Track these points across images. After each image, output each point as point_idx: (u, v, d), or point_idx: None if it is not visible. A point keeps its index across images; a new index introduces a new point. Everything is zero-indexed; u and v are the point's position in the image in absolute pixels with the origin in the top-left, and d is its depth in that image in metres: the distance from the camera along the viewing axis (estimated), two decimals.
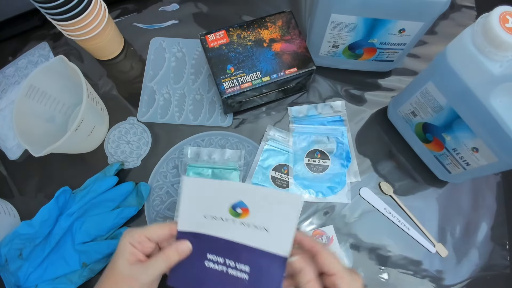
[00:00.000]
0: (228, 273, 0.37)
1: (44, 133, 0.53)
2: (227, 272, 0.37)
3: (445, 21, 0.64)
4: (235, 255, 0.37)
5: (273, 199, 0.36)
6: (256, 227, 0.37)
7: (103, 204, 0.52)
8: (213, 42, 0.52)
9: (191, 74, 0.61)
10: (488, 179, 0.55)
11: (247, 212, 0.37)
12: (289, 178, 0.54)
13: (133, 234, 0.36)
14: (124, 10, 0.67)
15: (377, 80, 0.61)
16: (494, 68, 0.35)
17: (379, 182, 0.55)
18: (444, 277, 0.51)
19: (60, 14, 0.50)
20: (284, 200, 0.35)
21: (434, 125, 0.47)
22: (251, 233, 0.37)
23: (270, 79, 0.51)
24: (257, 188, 0.38)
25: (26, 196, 0.56)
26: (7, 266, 0.48)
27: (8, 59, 0.65)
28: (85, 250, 0.49)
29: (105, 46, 0.60)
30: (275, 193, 0.36)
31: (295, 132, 0.57)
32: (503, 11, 0.34)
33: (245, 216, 0.37)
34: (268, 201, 0.36)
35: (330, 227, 0.53)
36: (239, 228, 0.37)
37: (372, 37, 0.51)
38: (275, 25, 0.54)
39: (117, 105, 0.60)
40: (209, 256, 0.38)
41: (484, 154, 0.42)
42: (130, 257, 0.35)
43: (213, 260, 0.38)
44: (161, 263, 0.35)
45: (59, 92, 0.56)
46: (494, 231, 0.53)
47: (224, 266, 0.38)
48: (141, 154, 0.57)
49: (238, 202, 0.36)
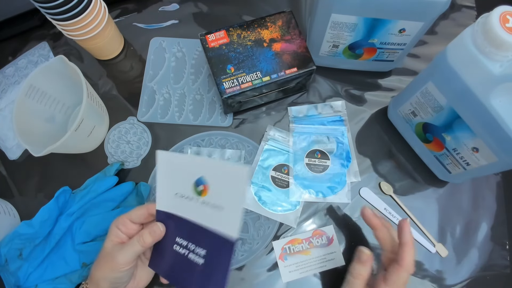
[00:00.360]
0: (188, 257, 0.38)
1: (44, 133, 0.53)
2: (188, 256, 0.38)
3: (445, 21, 0.64)
4: (195, 238, 0.38)
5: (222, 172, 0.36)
6: (213, 206, 0.36)
7: (103, 204, 0.52)
8: (213, 42, 0.52)
9: (191, 74, 0.61)
10: (488, 179, 0.55)
11: (207, 189, 0.37)
12: (289, 178, 0.54)
13: (118, 218, 0.40)
14: (124, 10, 0.67)
15: (377, 80, 0.61)
16: (494, 68, 0.35)
17: (379, 182, 0.55)
18: (444, 277, 0.51)
19: (60, 14, 0.50)
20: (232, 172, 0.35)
21: (434, 125, 0.47)
22: (209, 213, 0.37)
23: (270, 79, 0.51)
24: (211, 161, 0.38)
25: (26, 196, 0.56)
26: (7, 266, 0.48)
27: (8, 59, 0.65)
28: (85, 250, 0.49)
29: (105, 46, 0.60)
30: (223, 165, 0.37)
31: (295, 132, 0.57)
32: (503, 11, 0.34)
33: (205, 194, 0.37)
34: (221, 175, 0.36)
35: (330, 227, 0.53)
36: (200, 208, 0.37)
37: (372, 37, 0.51)
38: (275, 25, 0.54)
39: (117, 105, 0.60)
40: (177, 240, 0.39)
41: (484, 154, 0.42)
42: (114, 238, 0.39)
43: (179, 244, 0.39)
44: (136, 244, 0.38)
45: (59, 92, 0.56)
46: (494, 231, 0.53)
47: (186, 249, 0.38)
48: (141, 154, 0.57)
49: (199, 179, 0.37)
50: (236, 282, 0.51)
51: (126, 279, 0.39)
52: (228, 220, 0.36)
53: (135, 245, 0.38)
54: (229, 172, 0.36)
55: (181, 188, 0.38)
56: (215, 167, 0.37)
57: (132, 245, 0.38)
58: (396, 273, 0.38)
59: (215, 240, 0.37)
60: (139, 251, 0.38)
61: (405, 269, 0.38)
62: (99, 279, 0.38)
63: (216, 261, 0.37)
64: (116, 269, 0.37)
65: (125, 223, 0.40)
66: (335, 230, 0.52)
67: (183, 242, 0.39)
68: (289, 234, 0.52)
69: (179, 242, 0.39)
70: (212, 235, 0.37)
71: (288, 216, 0.53)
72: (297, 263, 0.51)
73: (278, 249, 0.51)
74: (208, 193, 0.37)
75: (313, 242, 0.52)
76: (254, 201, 0.53)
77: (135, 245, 0.38)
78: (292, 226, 0.52)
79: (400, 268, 0.38)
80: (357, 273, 0.41)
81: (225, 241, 0.36)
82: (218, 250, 0.37)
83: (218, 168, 0.37)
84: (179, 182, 0.39)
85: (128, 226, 0.40)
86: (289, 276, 0.50)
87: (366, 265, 0.41)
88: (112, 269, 0.38)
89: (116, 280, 0.38)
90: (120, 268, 0.37)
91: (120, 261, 0.37)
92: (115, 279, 0.38)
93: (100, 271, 0.38)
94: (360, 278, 0.41)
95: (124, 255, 0.37)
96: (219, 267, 0.36)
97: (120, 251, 0.38)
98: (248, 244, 0.52)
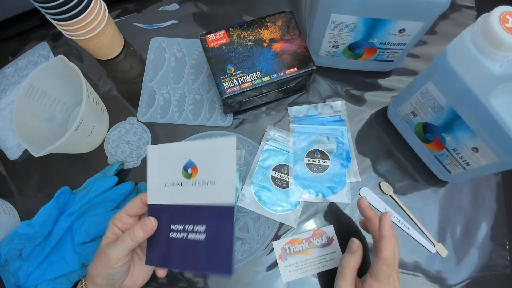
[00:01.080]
0: (188, 238, 0.38)
1: (44, 133, 0.53)
2: (187, 237, 0.38)
3: (445, 21, 0.64)
4: (192, 219, 0.38)
5: (210, 149, 0.37)
6: (205, 183, 0.38)
7: (103, 204, 0.52)
8: (213, 42, 0.52)
9: (191, 74, 0.61)
10: (488, 179, 0.55)
11: (196, 170, 0.38)
12: (289, 178, 0.54)
13: (115, 215, 0.40)
14: (124, 10, 0.67)
15: (377, 80, 0.61)
16: (494, 68, 0.35)
17: (379, 182, 0.55)
18: (444, 277, 0.51)
19: (60, 14, 0.50)
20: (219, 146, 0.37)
21: (434, 125, 0.47)
22: (201, 191, 0.38)
23: (270, 79, 0.51)
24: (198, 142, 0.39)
25: (26, 196, 0.56)
26: (7, 266, 0.48)
27: (8, 59, 0.65)
28: (85, 250, 0.49)
29: (105, 46, 0.60)
30: (210, 142, 0.38)
31: (295, 132, 0.57)
32: (503, 11, 0.34)
33: (195, 176, 0.38)
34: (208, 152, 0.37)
35: (330, 227, 0.53)
36: (192, 190, 0.38)
37: (372, 37, 0.51)
38: (275, 25, 0.54)
39: (117, 105, 0.60)
40: (172, 227, 0.39)
41: (484, 154, 0.42)
42: (111, 235, 0.40)
43: (175, 230, 0.39)
44: (127, 239, 0.38)
45: (59, 92, 0.56)
46: (494, 231, 0.53)
47: (184, 232, 0.38)
48: (141, 154, 0.57)
49: (188, 162, 0.38)
50: (236, 282, 0.51)
51: (121, 275, 0.39)
52: (221, 191, 0.37)
53: (126, 240, 0.38)
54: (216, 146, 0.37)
55: (171, 177, 0.39)
56: (201, 147, 0.38)
57: (123, 241, 0.38)
58: (375, 266, 0.39)
59: (212, 213, 0.37)
60: (131, 246, 0.38)
61: (383, 262, 0.39)
62: (94, 275, 0.39)
63: (218, 232, 0.37)
64: (109, 266, 0.38)
65: (121, 218, 0.40)
66: (335, 230, 0.52)
67: (179, 226, 0.39)
68: (289, 234, 0.52)
69: (174, 228, 0.39)
70: (208, 209, 0.37)
71: (288, 216, 0.53)
72: (297, 263, 0.51)
73: (278, 249, 0.51)
74: (197, 173, 0.38)
75: (313, 242, 0.52)
76: (254, 201, 0.53)
77: (126, 240, 0.38)
78: (292, 226, 0.52)
79: (378, 261, 0.39)
80: (346, 262, 0.42)
81: (223, 210, 0.37)
82: (218, 221, 0.37)
83: (205, 147, 0.38)
84: (168, 172, 0.39)
85: (125, 221, 0.40)
86: (289, 276, 0.50)
87: (355, 255, 0.42)
88: (105, 265, 0.38)
89: (110, 276, 0.39)
90: (112, 264, 0.37)
91: (112, 257, 0.37)
92: (109, 275, 0.38)
93: (95, 268, 0.39)
94: (348, 267, 0.41)
95: (116, 250, 0.37)
96: (223, 237, 0.37)
97: (112, 247, 0.38)
98: (248, 244, 0.52)
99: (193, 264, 0.38)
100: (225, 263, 0.36)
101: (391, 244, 0.39)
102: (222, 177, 0.37)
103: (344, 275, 0.41)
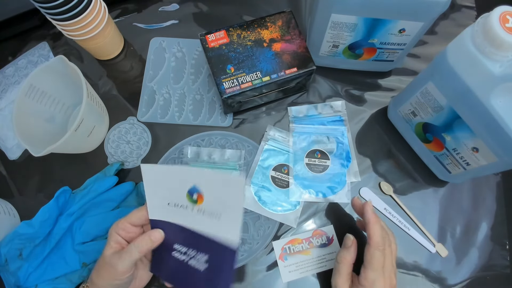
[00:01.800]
0: (188, 263, 0.38)
1: (44, 133, 0.53)
2: (188, 262, 0.38)
3: (445, 21, 0.64)
4: (195, 245, 0.38)
5: (219, 182, 0.36)
6: (211, 214, 0.37)
7: (103, 204, 0.52)
8: (213, 42, 0.52)
9: (191, 74, 0.61)
10: (488, 179, 0.55)
11: (202, 198, 0.37)
12: (289, 178, 0.54)
13: (117, 223, 0.39)
14: (124, 10, 0.67)
15: (377, 80, 0.61)
16: (494, 68, 0.35)
17: (379, 182, 0.55)
18: (444, 277, 0.51)
19: (60, 14, 0.50)
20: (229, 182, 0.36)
21: (434, 125, 0.47)
22: (207, 221, 0.37)
23: (270, 79, 0.51)
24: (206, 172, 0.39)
25: (26, 196, 0.56)
26: (7, 266, 0.48)
27: (8, 59, 0.65)
28: (85, 250, 0.49)
29: (105, 46, 0.60)
30: (219, 175, 0.37)
31: (295, 132, 0.57)
32: (503, 11, 0.34)
33: (201, 203, 0.37)
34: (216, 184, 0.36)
35: (330, 227, 0.53)
36: (197, 216, 0.38)
37: (372, 37, 0.51)
38: (275, 25, 0.54)
39: (117, 105, 0.60)
40: (175, 246, 0.39)
41: (484, 154, 0.42)
42: (114, 245, 0.39)
43: (178, 250, 0.39)
44: (134, 250, 0.38)
45: (59, 92, 0.56)
46: (494, 231, 0.53)
47: (186, 256, 0.38)
48: (141, 154, 0.57)
49: (193, 187, 0.37)
50: (236, 282, 0.51)
51: (128, 284, 0.40)
52: (227, 228, 0.36)
53: (133, 252, 0.37)
54: (225, 182, 0.36)
55: (174, 197, 0.38)
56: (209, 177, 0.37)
57: (130, 253, 0.37)
58: (368, 253, 0.40)
59: (215, 246, 0.37)
60: (137, 258, 0.38)
61: (374, 247, 0.39)
62: (101, 286, 0.38)
63: (219, 267, 0.37)
64: (117, 278, 0.37)
65: (125, 228, 0.39)
66: (335, 230, 0.52)
67: (182, 248, 0.39)
68: (289, 234, 0.52)
69: (178, 248, 0.39)
70: (212, 242, 0.37)
71: (288, 216, 0.53)
72: (297, 263, 0.51)
73: (278, 249, 0.51)
74: (203, 201, 0.37)
75: (313, 242, 0.52)
76: (254, 201, 0.53)
77: (133, 252, 0.37)
78: (292, 226, 0.52)
79: (370, 247, 0.40)
80: (341, 257, 0.42)
81: (226, 248, 0.36)
82: (219, 256, 0.37)
83: (213, 178, 0.37)
84: (171, 192, 0.38)
85: (129, 230, 0.39)
86: (289, 276, 0.50)
87: (350, 250, 0.42)
88: (113, 277, 0.37)
89: (118, 287, 0.39)
90: (120, 276, 0.37)
91: (120, 270, 0.37)
92: (117, 286, 0.38)
93: (101, 279, 0.38)
94: (344, 262, 0.42)
95: (123, 263, 0.37)
96: (222, 272, 0.37)
97: (119, 260, 0.37)
98: (248, 244, 0.52)
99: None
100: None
101: (377, 228, 0.40)
102: (229, 213, 0.36)
103: (339, 270, 0.42)
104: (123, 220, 0.39)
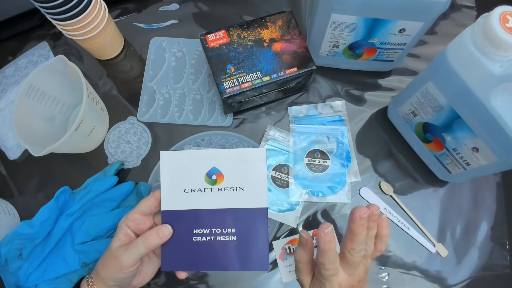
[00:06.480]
0: (216, 240, 0.39)
1: (44, 133, 0.53)
2: (215, 239, 0.39)
3: (445, 21, 0.64)
4: (219, 223, 0.39)
5: (241, 157, 0.39)
6: (232, 189, 0.39)
7: (103, 204, 0.52)
8: (213, 42, 0.52)
9: (191, 74, 0.61)
10: (488, 179, 0.55)
11: (222, 177, 0.39)
12: (289, 178, 0.54)
13: (127, 215, 0.39)
14: (124, 10, 0.67)
15: (377, 80, 0.61)
16: (494, 68, 0.35)
17: (379, 182, 0.55)
18: (444, 277, 0.51)
19: (60, 13, 0.50)
20: (250, 155, 0.39)
21: (434, 125, 0.47)
22: (230, 196, 0.39)
23: (270, 79, 0.51)
24: (225, 151, 0.40)
25: (26, 196, 0.56)
26: (7, 266, 0.48)
27: (8, 59, 0.64)
28: (85, 250, 0.49)
29: (105, 46, 0.60)
30: (241, 152, 0.40)
31: (295, 132, 0.57)
32: (503, 11, 0.34)
33: (221, 182, 0.39)
34: (237, 161, 0.39)
35: None
36: (218, 195, 0.39)
37: (372, 37, 0.51)
38: (275, 25, 0.53)
39: (117, 105, 0.60)
40: (195, 231, 0.40)
41: (484, 154, 0.42)
42: (123, 237, 0.39)
43: (199, 234, 0.40)
44: (141, 245, 0.37)
45: (59, 92, 0.56)
46: (494, 231, 0.53)
47: (211, 235, 0.39)
48: (141, 154, 0.57)
49: (212, 169, 0.39)
50: (236, 282, 0.51)
51: (132, 278, 0.40)
52: (254, 195, 0.39)
53: (140, 246, 0.37)
54: (248, 155, 0.39)
55: (191, 183, 0.40)
56: (230, 155, 0.39)
57: (137, 247, 0.37)
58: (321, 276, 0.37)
59: (243, 215, 0.39)
60: (144, 253, 0.38)
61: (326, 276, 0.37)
62: (105, 278, 0.38)
63: (251, 232, 0.39)
64: (122, 271, 0.37)
65: (135, 219, 0.39)
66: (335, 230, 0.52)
67: (205, 230, 0.39)
68: (289, 234, 0.52)
69: (198, 232, 0.39)
70: (238, 212, 0.39)
71: (288, 216, 0.53)
72: None
73: (278, 249, 0.51)
74: (224, 180, 0.39)
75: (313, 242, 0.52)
76: None
77: (140, 246, 0.37)
78: (292, 226, 0.52)
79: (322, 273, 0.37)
80: (298, 256, 0.40)
81: (255, 211, 0.39)
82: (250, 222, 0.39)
83: (234, 155, 0.39)
84: (188, 178, 0.40)
85: (139, 221, 0.39)
86: (289, 276, 0.50)
87: (306, 248, 0.39)
88: (117, 270, 0.37)
89: (121, 280, 0.39)
90: (124, 270, 0.37)
91: (125, 263, 0.37)
92: (121, 279, 0.38)
93: (106, 270, 0.38)
94: (301, 261, 0.40)
95: (129, 257, 0.37)
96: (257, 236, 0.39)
97: (125, 253, 0.37)
98: None
99: (224, 264, 0.39)
100: (262, 260, 0.39)
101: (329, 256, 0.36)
102: (253, 184, 0.39)
103: (300, 269, 0.40)
104: (133, 211, 0.39)
